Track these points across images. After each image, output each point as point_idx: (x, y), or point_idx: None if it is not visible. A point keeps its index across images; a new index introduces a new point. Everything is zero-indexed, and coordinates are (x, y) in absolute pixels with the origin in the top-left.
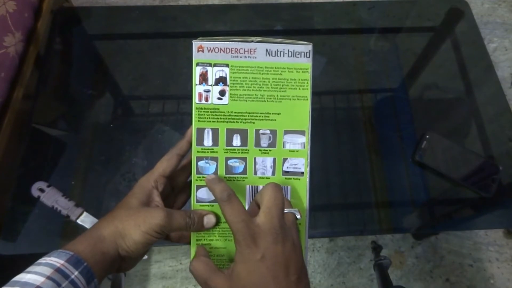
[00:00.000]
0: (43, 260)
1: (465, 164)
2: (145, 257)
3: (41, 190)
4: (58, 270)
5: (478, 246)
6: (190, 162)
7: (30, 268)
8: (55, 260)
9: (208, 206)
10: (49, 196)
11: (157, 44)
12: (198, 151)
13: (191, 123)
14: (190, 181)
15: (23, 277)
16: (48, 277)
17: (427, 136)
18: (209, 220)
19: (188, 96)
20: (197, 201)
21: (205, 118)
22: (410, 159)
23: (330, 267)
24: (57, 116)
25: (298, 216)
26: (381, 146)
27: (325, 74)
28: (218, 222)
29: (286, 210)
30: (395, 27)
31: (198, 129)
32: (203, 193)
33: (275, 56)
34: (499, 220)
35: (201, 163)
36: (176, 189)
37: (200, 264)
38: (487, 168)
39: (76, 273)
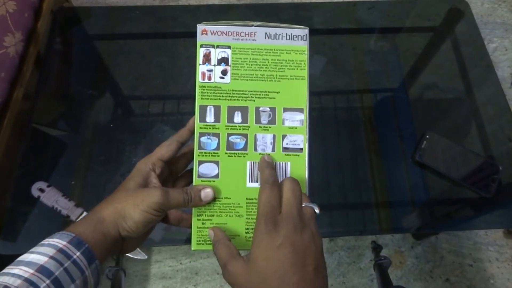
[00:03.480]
0: (46, 241)
1: (465, 164)
2: (145, 257)
3: (41, 190)
4: (60, 250)
5: (478, 246)
6: (190, 150)
7: (33, 249)
8: (57, 241)
9: (210, 181)
10: (49, 196)
11: (157, 44)
12: (200, 127)
13: (194, 101)
14: (190, 168)
15: (27, 257)
16: (51, 257)
17: (427, 136)
18: (207, 194)
19: (188, 96)
20: (199, 176)
21: (207, 95)
22: (410, 159)
23: (330, 267)
24: (57, 116)
25: (317, 211)
26: (381, 146)
27: (325, 74)
28: (217, 197)
29: (305, 204)
30: (395, 27)
31: (201, 106)
32: (205, 168)
33: (274, 39)
34: (499, 220)
35: (203, 138)
36: (175, 174)
37: (223, 248)
38: (487, 168)
39: (78, 253)
